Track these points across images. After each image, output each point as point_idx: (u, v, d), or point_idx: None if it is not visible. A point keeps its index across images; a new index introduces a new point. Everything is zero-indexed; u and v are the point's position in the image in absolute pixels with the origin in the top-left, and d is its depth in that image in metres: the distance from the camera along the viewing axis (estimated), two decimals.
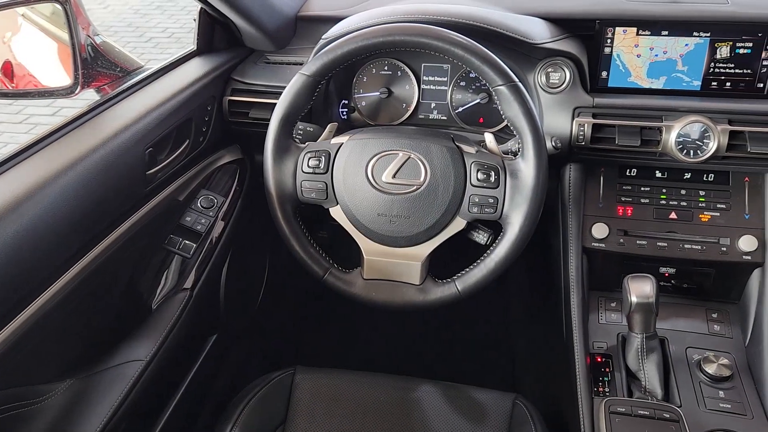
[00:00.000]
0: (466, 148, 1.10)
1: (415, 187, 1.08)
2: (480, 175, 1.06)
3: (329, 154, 1.12)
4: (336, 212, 1.13)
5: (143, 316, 1.19)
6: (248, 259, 1.56)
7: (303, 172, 1.12)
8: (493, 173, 1.06)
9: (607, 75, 1.30)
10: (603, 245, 1.23)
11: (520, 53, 1.26)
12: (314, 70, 1.09)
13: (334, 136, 1.17)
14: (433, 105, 1.41)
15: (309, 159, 1.11)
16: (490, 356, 1.87)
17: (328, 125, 1.20)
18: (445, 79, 1.39)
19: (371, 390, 1.23)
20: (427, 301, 1.12)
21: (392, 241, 1.11)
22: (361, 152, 1.10)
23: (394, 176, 1.09)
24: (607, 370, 1.15)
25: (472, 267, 1.10)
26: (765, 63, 1.24)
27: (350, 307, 1.19)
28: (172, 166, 1.23)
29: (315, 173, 1.11)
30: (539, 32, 1.24)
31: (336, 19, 1.33)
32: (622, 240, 1.22)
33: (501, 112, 1.06)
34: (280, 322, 1.87)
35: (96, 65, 1.21)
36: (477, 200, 1.07)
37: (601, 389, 1.13)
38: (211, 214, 1.31)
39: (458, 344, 1.92)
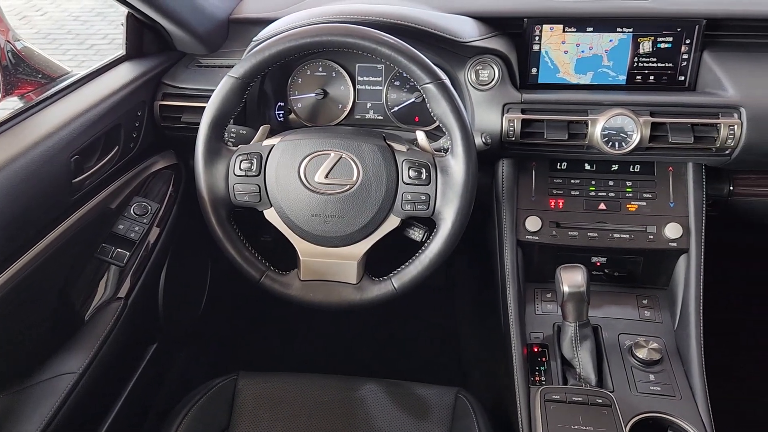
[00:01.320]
0: (397, 146, 1.11)
1: (348, 187, 1.09)
2: (411, 173, 1.08)
3: (261, 156, 1.11)
4: (270, 214, 1.13)
5: (75, 328, 1.16)
6: (188, 265, 1.54)
7: (235, 175, 1.11)
8: (424, 170, 1.07)
9: (537, 71, 1.33)
10: (536, 238, 1.25)
11: (450, 52, 1.28)
12: (242, 73, 1.09)
13: (266, 138, 1.16)
14: (369, 105, 1.42)
15: (241, 162, 1.11)
16: (438, 352, 1.89)
17: (261, 127, 1.20)
18: (380, 79, 1.40)
19: (315, 391, 1.22)
20: (365, 299, 1.12)
21: (327, 241, 1.11)
22: (293, 153, 1.10)
23: (326, 176, 1.09)
24: (544, 359, 1.18)
25: (407, 264, 1.11)
26: (684, 57, 1.29)
27: (296, 309, 1.18)
28: (101, 173, 1.20)
29: (247, 176, 1.11)
30: (468, 31, 1.26)
31: (268, 21, 1.32)
32: (554, 232, 1.25)
33: (430, 110, 1.08)
34: (225, 327, 1.85)
35: (17, 72, 1.18)
36: (409, 198, 1.08)
37: (537, 378, 1.15)
38: (145, 221, 1.29)
39: (407, 342, 1.93)
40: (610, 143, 1.20)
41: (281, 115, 1.45)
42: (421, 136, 1.15)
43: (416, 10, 1.27)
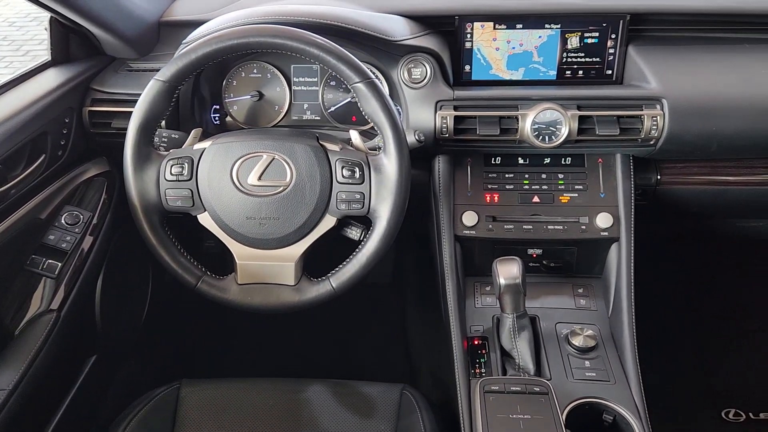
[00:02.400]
0: (330, 146, 1.11)
1: (281, 188, 1.08)
2: (345, 172, 1.08)
3: (192, 160, 1.10)
4: (204, 219, 1.12)
5: (4, 343, 1.12)
6: (127, 273, 1.51)
7: (166, 180, 1.09)
8: (357, 169, 1.08)
9: (471, 69, 1.35)
10: (473, 232, 1.27)
11: (383, 51, 1.29)
12: (169, 76, 1.07)
13: (198, 142, 1.15)
14: (305, 106, 1.42)
15: (171, 166, 1.09)
16: (388, 349, 1.90)
17: (192, 131, 1.18)
18: (315, 79, 1.40)
19: (260, 396, 1.22)
20: (303, 300, 1.12)
21: (263, 243, 1.11)
22: (224, 156, 1.09)
23: (259, 178, 1.08)
24: (484, 351, 1.20)
25: (345, 263, 1.12)
26: (611, 51, 1.32)
27: (242, 314, 1.17)
28: (26, 182, 1.17)
29: (179, 180, 1.09)
30: (399, 30, 1.27)
31: (199, 23, 1.30)
32: (491, 226, 1.27)
33: (361, 109, 1.08)
34: (169, 336, 1.81)
35: None
36: (344, 197, 1.08)
37: (478, 370, 1.17)
38: (77, 230, 1.25)
39: (356, 341, 1.93)
40: (541, 137, 1.23)
41: (217, 119, 1.43)
42: (354, 135, 1.15)
43: (347, 9, 1.27)
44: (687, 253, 1.85)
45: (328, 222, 1.11)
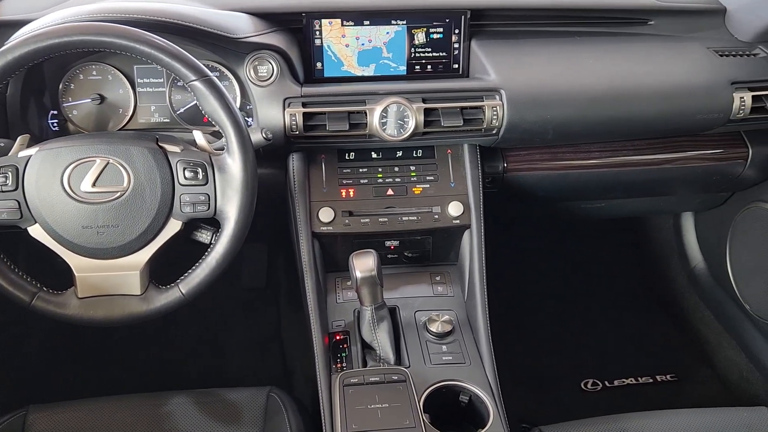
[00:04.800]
0: (170, 147, 1.07)
1: (119, 194, 1.03)
2: (187, 174, 1.05)
3: (17, 169, 1.02)
4: (35, 231, 1.04)
5: None
6: None
7: None
8: (200, 170, 1.05)
9: (322, 66, 1.35)
10: (330, 228, 1.27)
11: (227, 49, 1.26)
12: None
13: (24, 149, 1.07)
14: (153, 108, 1.36)
15: None
16: (262, 353, 1.87)
17: (19, 137, 1.10)
18: (161, 80, 1.35)
19: (117, 415, 1.15)
20: (151, 309, 1.07)
21: (104, 253, 1.05)
22: (53, 163, 1.03)
23: (93, 185, 1.03)
24: (345, 346, 1.21)
25: (194, 268, 1.08)
26: (456, 46, 1.37)
27: (97, 330, 1.10)
28: None
29: (3, 191, 1.01)
30: (242, 27, 1.24)
31: (25, 23, 1.21)
32: (347, 221, 1.28)
33: (201, 109, 1.05)
34: (13, 360, 1.68)
35: None
36: (188, 199, 1.05)
37: (339, 365, 1.17)
38: None
39: (231, 348, 1.89)
40: (389, 130, 1.25)
41: (56, 125, 1.34)
42: (198, 135, 1.12)
43: (186, 7, 1.23)
44: (538, 235, 1.96)
45: (174, 226, 1.07)
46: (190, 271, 1.08)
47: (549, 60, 1.34)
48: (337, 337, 1.22)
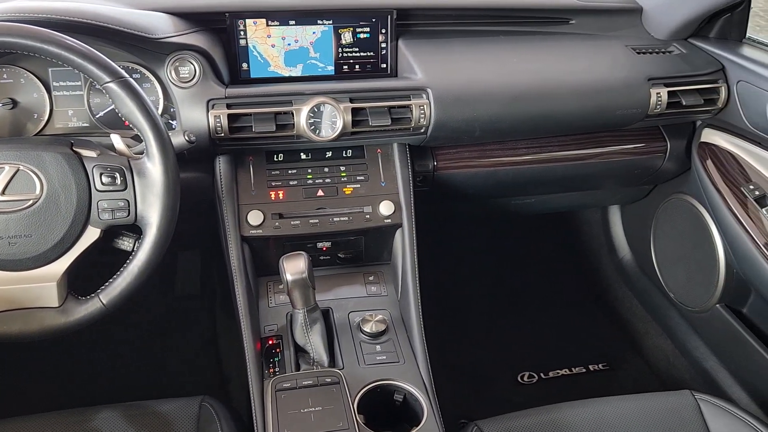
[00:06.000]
0: (86, 152, 1.03)
1: (31, 201, 0.98)
2: (104, 179, 1.01)
3: None
4: None
5: None
6: None
7: None
8: (118, 175, 1.01)
9: (248, 66, 1.33)
10: (260, 231, 1.25)
11: (146, 50, 1.22)
12: None
13: None
14: (71, 112, 1.31)
15: None
16: (199, 362, 1.83)
17: None
18: (79, 83, 1.29)
19: None
20: (70, 322, 1.03)
21: (16, 264, 1.00)
22: None
23: (3, 192, 0.98)
24: (278, 350, 1.19)
25: (115, 277, 1.04)
26: (383, 46, 1.37)
27: (21, 345, 1.04)
28: None
29: None
30: (162, 27, 1.21)
31: None
32: (277, 224, 1.26)
33: (117, 111, 1.02)
34: None
35: None
36: (106, 206, 1.01)
37: (272, 370, 1.15)
38: None
39: (166, 357, 1.83)
40: (317, 130, 1.24)
41: None
42: (116, 139, 1.08)
43: (101, 6, 1.18)
44: (472, 233, 1.98)
45: (92, 234, 1.02)
46: (111, 280, 1.04)
47: (475, 59, 1.36)
48: (270, 342, 1.20)
